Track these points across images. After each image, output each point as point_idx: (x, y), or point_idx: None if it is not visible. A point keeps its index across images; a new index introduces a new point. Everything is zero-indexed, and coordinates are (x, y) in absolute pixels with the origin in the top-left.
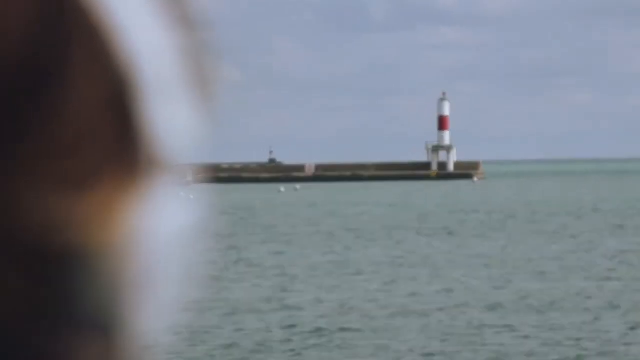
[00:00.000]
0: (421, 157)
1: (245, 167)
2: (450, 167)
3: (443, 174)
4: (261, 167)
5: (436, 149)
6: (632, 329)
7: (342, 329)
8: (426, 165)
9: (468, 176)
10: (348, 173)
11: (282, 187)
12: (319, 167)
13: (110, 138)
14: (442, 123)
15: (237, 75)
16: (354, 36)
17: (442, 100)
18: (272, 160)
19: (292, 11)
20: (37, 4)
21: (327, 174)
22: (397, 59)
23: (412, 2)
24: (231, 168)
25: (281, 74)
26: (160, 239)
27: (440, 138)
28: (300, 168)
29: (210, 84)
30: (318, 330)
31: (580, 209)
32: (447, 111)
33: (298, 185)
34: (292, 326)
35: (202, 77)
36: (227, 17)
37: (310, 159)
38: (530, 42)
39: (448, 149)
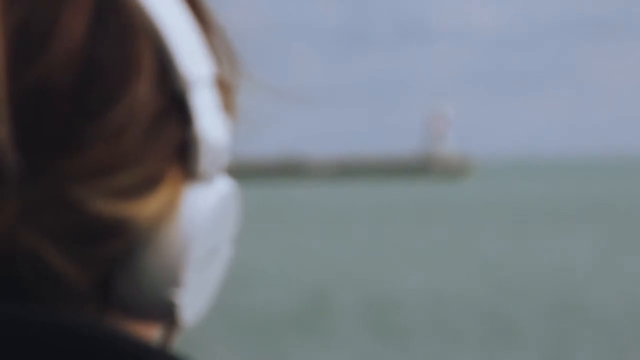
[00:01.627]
0: (419, 154)
1: (264, 162)
2: (445, 164)
3: (439, 170)
4: (276, 162)
5: (431, 147)
6: None
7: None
8: (424, 162)
9: (462, 172)
10: (348, 168)
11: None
12: (324, 164)
13: (173, 139)
14: (437, 123)
15: (258, 79)
16: (359, 50)
17: (437, 104)
18: (285, 156)
19: (307, 30)
20: (95, 17)
21: (333, 169)
22: (397, 70)
23: (411, 19)
24: (252, 163)
25: (296, 81)
26: (208, 223)
27: (436, 137)
28: (310, 164)
29: (235, 87)
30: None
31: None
32: (441, 112)
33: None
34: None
35: (229, 81)
36: (250, 28)
37: (315, 156)
38: (515, 53)
39: (443, 146)
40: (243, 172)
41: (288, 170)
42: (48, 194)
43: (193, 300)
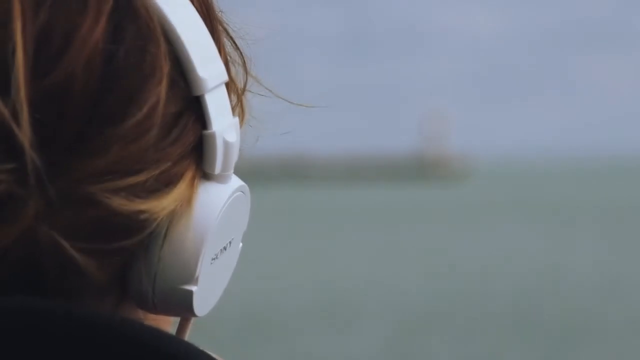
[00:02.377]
0: (420, 156)
1: (266, 163)
2: (447, 165)
3: (440, 172)
4: (278, 163)
5: (433, 148)
6: None
7: None
8: (425, 163)
9: (464, 173)
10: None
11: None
12: (327, 166)
13: (189, 140)
14: (438, 125)
15: (265, 82)
16: (362, 54)
17: (437, 106)
18: (288, 158)
19: (312, 37)
20: (112, 27)
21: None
22: (398, 73)
23: (412, 23)
24: (254, 164)
25: (301, 84)
26: (221, 220)
27: (437, 139)
28: (313, 166)
29: (246, 89)
30: None
31: None
32: (442, 114)
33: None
34: None
35: (240, 84)
36: (258, 35)
37: (318, 158)
38: (514, 56)
39: (444, 147)
40: (247, 172)
41: (290, 172)
42: (67, 193)
43: (206, 294)
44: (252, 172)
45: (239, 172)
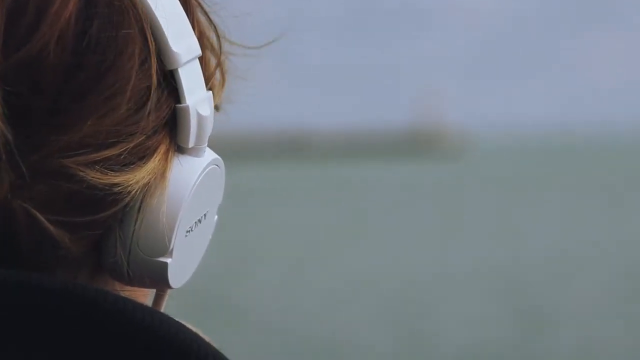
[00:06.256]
0: (416, 132)
1: (264, 139)
2: (438, 142)
3: (431, 149)
4: (273, 141)
5: (429, 124)
6: None
7: None
8: (421, 139)
9: (462, 149)
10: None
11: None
12: (326, 142)
13: (163, 114)
14: (435, 102)
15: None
16: (362, 34)
17: (435, 84)
18: (286, 134)
19: (315, 19)
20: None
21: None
22: (396, 53)
23: (408, 4)
24: (247, 141)
25: (298, 60)
26: (195, 193)
27: (435, 116)
28: (311, 142)
29: (222, 61)
30: None
31: None
32: (439, 92)
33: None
34: None
35: (216, 55)
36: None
37: (317, 134)
38: (508, 35)
39: (441, 124)
40: (241, 149)
41: (289, 149)
42: (41, 166)
43: (181, 266)
44: (249, 148)
45: (236, 150)
